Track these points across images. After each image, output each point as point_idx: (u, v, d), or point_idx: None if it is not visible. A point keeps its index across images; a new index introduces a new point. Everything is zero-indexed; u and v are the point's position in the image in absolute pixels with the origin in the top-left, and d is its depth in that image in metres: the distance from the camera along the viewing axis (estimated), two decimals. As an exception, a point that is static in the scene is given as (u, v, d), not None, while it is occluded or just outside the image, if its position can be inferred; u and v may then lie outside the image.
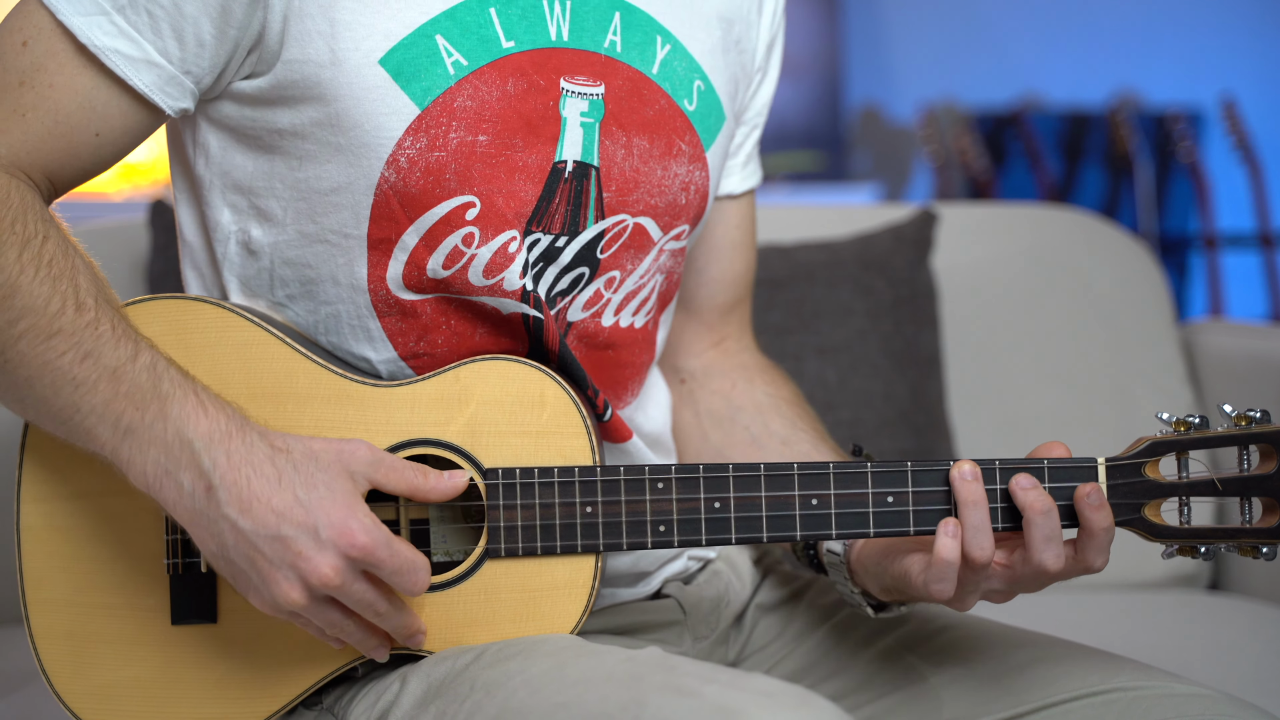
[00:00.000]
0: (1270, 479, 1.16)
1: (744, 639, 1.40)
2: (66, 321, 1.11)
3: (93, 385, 1.11)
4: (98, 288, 1.15)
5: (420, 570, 1.12)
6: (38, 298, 1.11)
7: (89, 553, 1.20)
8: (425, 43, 1.19)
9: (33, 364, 1.12)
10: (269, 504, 1.09)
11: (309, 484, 1.10)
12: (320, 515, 1.09)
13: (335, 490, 1.11)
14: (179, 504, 1.11)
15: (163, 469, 1.11)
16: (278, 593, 1.10)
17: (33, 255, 1.12)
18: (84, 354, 1.11)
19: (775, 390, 1.43)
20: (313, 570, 1.09)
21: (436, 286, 1.22)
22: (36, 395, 1.13)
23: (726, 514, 1.19)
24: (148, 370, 1.12)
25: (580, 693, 1.05)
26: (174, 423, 1.10)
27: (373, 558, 1.10)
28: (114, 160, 1.21)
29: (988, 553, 1.14)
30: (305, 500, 1.10)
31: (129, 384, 1.11)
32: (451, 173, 1.19)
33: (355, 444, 1.13)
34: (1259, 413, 1.16)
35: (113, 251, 2.11)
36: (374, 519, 1.11)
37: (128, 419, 1.11)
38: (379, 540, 1.10)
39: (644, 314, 1.32)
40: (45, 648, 1.21)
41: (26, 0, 1.17)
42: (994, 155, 5.25)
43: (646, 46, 1.27)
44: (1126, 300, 2.31)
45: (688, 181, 1.30)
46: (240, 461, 1.10)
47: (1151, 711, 1.17)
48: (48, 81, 1.16)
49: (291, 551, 1.09)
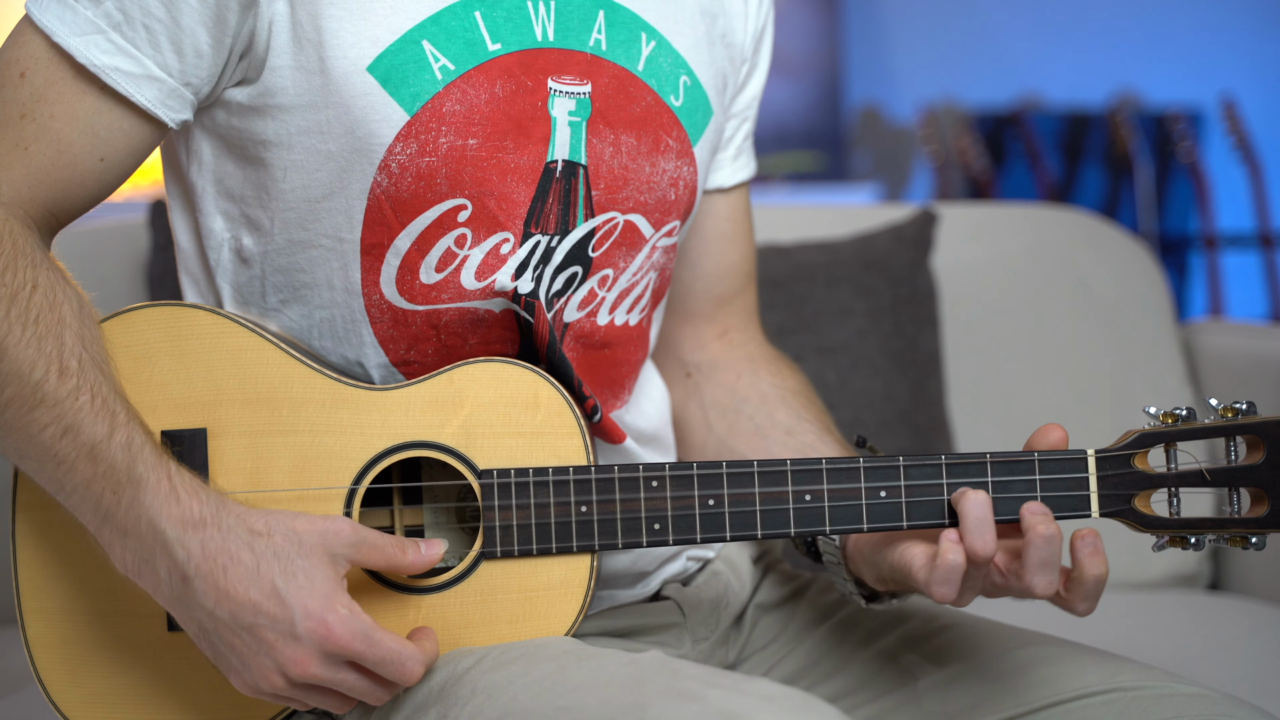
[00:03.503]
0: (1257, 469, 1.17)
1: (744, 639, 1.40)
2: (49, 390, 1.10)
3: (72, 464, 1.10)
4: (83, 342, 1.13)
5: (408, 660, 1.11)
6: (23, 363, 1.10)
7: (84, 561, 1.20)
8: (412, 49, 1.18)
9: (20, 435, 1.11)
10: (246, 595, 1.08)
11: (288, 572, 1.09)
12: (297, 607, 1.08)
13: (315, 579, 1.09)
14: (158, 591, 1.11)
15: (140, 558, 1.11)
16: (259, 678, 1.10)
17: (20, 312, 1.11)
18: (64, 429, 1.10)
19: (780, 381, 1.43)
20: (290, 662, 1.09)
21: (429, 293, 1.22)
22: (30, 468, 1.14)
23: (720, 511, 1.19)
24: (123, 450, 1.10)
25: (582, 696, 1.04)
26: (147, 511, 1.09)
27: (350, 651, 1.09)
28: (118, 184, 1.21)
29: (990, 547, 1.14)
30: (283, 590, 1.08)
31: (106, 465, 1.10)
32: (443, 177, 1.19)
33: (339, 524, 1.12)
34: (1245, 404, 1.18)
35: (113, 251, 2.11)
36: (353, 609, 1.10)
37: (106, 503, 1.10)
38: (356, 633, 1.09)
39: (638, 311, 1.32)
40: (41, 656, 1.21)
41: (21, 30, 1.17)
42: (994, 155, 5.25)
43: (632, 44, 1.27)
44: (1126, 300, 2.31)
45: (676, 177, 1.30)
46: (215, 551, 1.09)
47: (1151, 711, 1.17)
48: (49, 112, 1.15)
49: (267, 643, 1.09)
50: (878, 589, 1.26)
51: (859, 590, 1.27)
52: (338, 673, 1.10)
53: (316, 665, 1.09)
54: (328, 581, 1.10)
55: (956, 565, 1.14)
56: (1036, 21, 5.65)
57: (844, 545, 1.27)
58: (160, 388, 1.18)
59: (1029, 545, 1.14)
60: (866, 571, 1.25)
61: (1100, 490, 1.18)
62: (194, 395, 1.18)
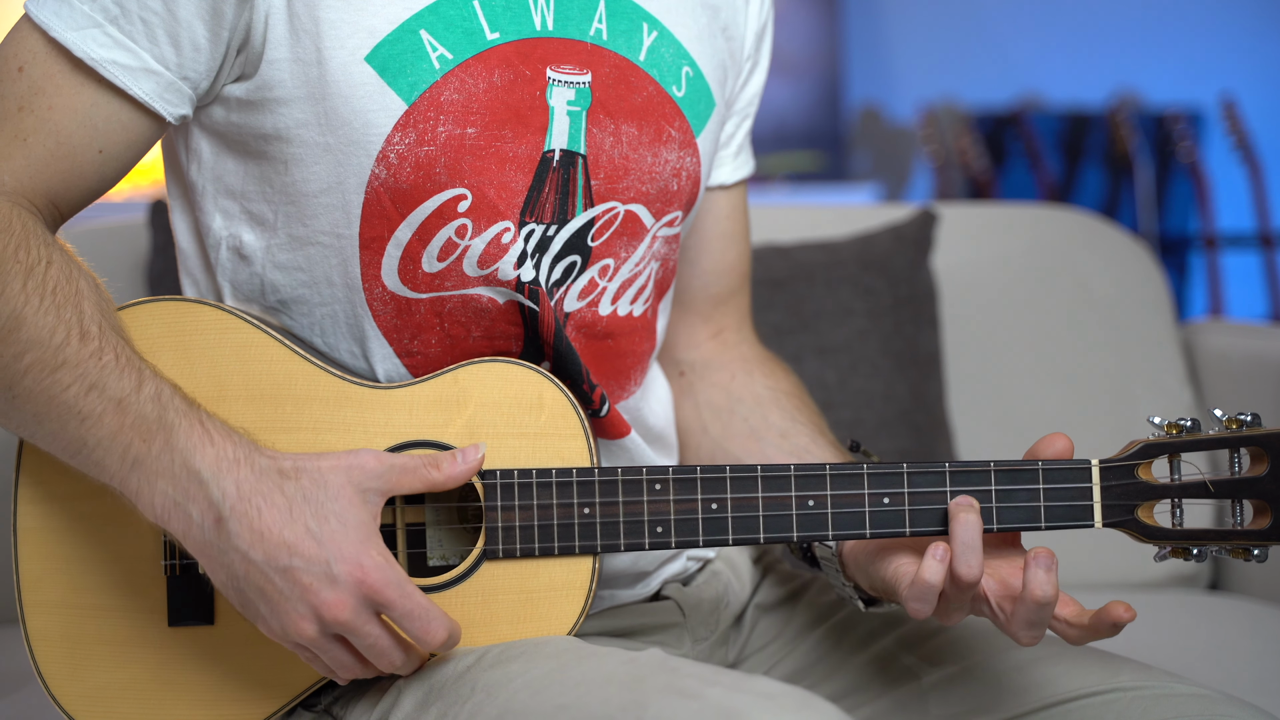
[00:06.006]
0: (1260, 481, 1.17)
1: (744, 639, 1.40)
2: (71, 353, 1.11)
3: (99, 418, 1.11)
4: (101, 311, 1.14)
5: (435, 619, 1.11)
6: (43, 329, 1.11)
7: (85, 554, 1.20)
8: (410, 38, 1.19)
9: (40, 399, 1.11)
10: (280, 536, 1.09)
11: (320, 515, 1.09)
12: (333, 550, 1.09)
13: (348, 523, 1.10)
14: (189, 535, 1.11)
15: (171, 501, 1.10)
16: (289, 624, 1.10)
17: (37, 284, 1.12)
18: (89, 386, 1.11)
19: (775, 383, 1.43)
20: (325, 605, 1.09)
21: (431, 281, 1.22)
22: (46, 430, 1.13)
23: (723, 515, 1.19)
24: (152, 400, 1.11)
25: (581, 694, 1.04)
26: (180, 453, 1.10)
27: (384, 597, 1.09)
28: (118, 177, 1.21)
29: (976, 572, 1.13)
30: (318, 533, 1.09)
31: (134, 415, 1.10)
32: (441, 166, 1.20)
33: (361, 456, 1.12)
34: (1249, 416, 1.17)
35: (113, 251, 2.11)
36: (387, 557, 1.10)
37: (135, 450, 1.10)
38: (391, 580, 1.09)
39: (641, 302, 1.32)
40: (41, 650, 1.21)
41: (19, 26, 1.17)
42: (994, 155, 5.25)
43: (633, 34, 1.27)
44: (1126, 300, 2.31)
45: (679, 168, 1.30)
46: (250, 491, 1.09)
47: (1151, 711, 1.17)
48: (47, 104, 1.16)
49: (302, 585, 1.09)
50: (873, 595, 1.26)
51: (857, 594, 1.27)
52: (367, 623, 1.10)
53: (350, 611, 1.09)
54: (361, 527, 1.10)
55: (933, 585, 1.13)
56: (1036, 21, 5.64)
57: (839, 550, 1.27)
58: (163, 383, 1.18)
59: (1022, 602, 1.13)
60: (861, 578, 1.25)
61: (1104, 500, 1.18)
62: (197, 391, 1.18)
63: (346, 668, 1.14)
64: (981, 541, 1.14)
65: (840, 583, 1.28)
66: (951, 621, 1.18)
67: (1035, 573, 1.12)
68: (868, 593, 1.26)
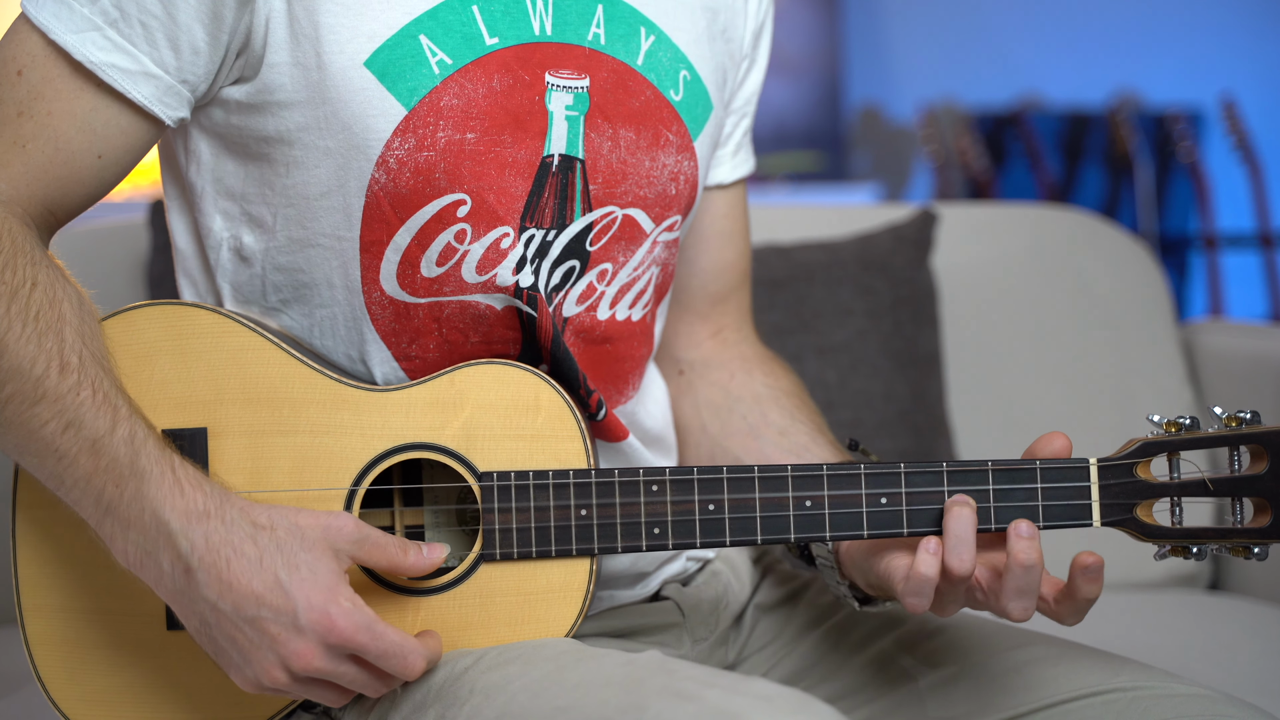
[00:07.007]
0: (1260, 479, 1.16)
1: (743, 640, 1.40)
2: (50, 386, 1.10)
3: (74, 459, 1.11)
4: (83, 338, 1.13)
5: (410, 653, 1.11)
6: (24, 359, 1.10)
7: (84, 558, 1.20)
8: (409, 43, 1.18)
9: (21, 431, 1.11)
10: (248, 587, 1.08)
11: (291, 565, 1.09)
12: (300, 599, 1.08)
13: (318, 571, 1.10)
14: (160, 584, 1.11)
15: (143, 550, 1.10)
16: (260, 672, 1.10)
17: (20, 308, 1.11)
18: (65, 424, 1.10)
19: (774, 381, 1.43)
20: (293, 655, 1.09)
21: (430, 286, 1.22)
22: (29, 463, 1.13)
23: (721, 516, 1.19)
24: (126, 443, 1.11)
25: (580, 696, 1.04)
26: (150, 504, 1.10)
27: (354, 643, 1.09)
28: (116, 181, 1.21)
29: (968, 565, 1.14)
30: (286, 583, 1.09)
31: (108, 458, 1.10)
32: (441, 171, 1.19)
33: (342, 520, 1.12)
34: (1249, 414, 1.17)
35: (113, 251, 2.11)
36: (356, 602, 1.10)
37: (108, 496, 1.10)
38: (359, 625, 1.09)
39: (640, 306, 1.32)
40: (40, 654, 1.21)
41: (18, 29, 1.17)
42: (994, 155, 5.25)
43: (631, 38, 1.27)
44: (1126, 300, 2.31)
45: (676, 172, 1.30)
46: (219, 543, 1.09)
47: (1151, 711, 1.17)
48: (46, 109, 1.15)
49: (270, 635, 1.09)
50: (870, 594, 1.26)
51: (852, 593, 1.27)
52: (339, 665, 1.10)
53: (319, 658, 1.09)
54: (330, 574, 1.10)
55: (928, 578, 1.14)
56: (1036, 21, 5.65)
57: (836, 550, 1.27)
58: (161, 387, 1.19)
59: (1008, 571, 1.14)
60: (858, 576, 1.25)
61: (1102, 499, 1.17)
62: (194, 394, 1.18)
63: (331, 700, 1.14)
64: (974, 535, 1.15)
65: (835, 582, 1.28)
66: (947, 614, 1.18)
67: (1015, 540, 1.13)
68: (864, 591, 1.27)
